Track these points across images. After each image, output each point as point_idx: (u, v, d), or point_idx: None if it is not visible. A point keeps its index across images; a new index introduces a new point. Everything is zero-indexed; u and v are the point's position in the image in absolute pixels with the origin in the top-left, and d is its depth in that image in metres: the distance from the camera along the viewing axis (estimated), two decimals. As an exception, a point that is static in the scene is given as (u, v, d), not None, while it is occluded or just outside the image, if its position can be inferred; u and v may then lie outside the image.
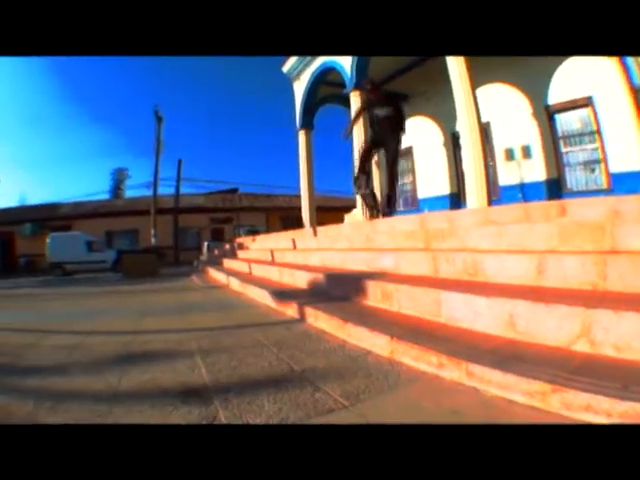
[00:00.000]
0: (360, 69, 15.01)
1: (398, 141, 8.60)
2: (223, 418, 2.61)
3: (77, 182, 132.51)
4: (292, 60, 19.85)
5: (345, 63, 15.63)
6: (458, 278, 4.93)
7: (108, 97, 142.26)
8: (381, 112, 8.29)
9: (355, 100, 15.03)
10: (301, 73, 19.51)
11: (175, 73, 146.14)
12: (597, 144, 12.63)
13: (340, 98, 17.80)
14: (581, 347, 2.82)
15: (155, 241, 33.75)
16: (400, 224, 9.55)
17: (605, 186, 12.33)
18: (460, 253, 5.17)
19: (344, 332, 4.43)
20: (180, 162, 41.53)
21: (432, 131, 18.36)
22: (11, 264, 40.49)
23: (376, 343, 3.82)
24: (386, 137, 8.46)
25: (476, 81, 11.25)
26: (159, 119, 36.39)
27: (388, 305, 4.90)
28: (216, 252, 23.00)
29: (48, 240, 29.24)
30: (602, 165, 12.51)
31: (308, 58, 18.64)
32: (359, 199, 15.07)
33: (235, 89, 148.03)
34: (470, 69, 11.07)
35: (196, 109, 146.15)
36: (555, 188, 13.55)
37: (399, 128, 8.50)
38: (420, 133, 19.08)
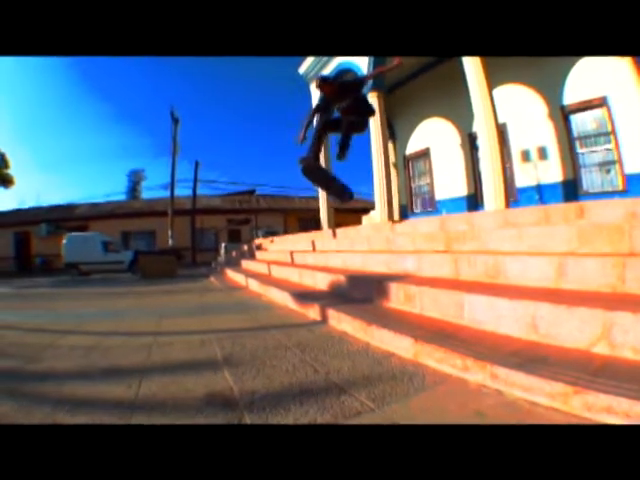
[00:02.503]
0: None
1: (360, 119, 8.17)
2: (249, 421, 2.61)
3: (93, 183, 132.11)
4: (308, 61, 19.83)
5: (362, 64, 15.60)
6: (479, 280, 4.96)
7: (124, 98, 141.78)
8: (341, 105, 7.98)
9: (373, 102, 14.83)
10: (317, 74, 19.39)
11: (192, 74, 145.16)
12: (612, 145, 12.53)
13: (357, 99, 17.70)
14: (601, 349, 2.86)
15: (172, 242, 33.76)
16: (420, 226, 9.56)
17: (620, 187, 12.24)
18: (481, 255, 5.21)
19: (367, 334, 4.46)
20: (197, 163, 41.58)
21: (448, 132, 18.23)
22: (27, 264, 40.77)
23: (400, 345, 3.86)
24: (343, 119, 8.10)
25: (492, 82, 11.23)
26: (175, 120, 36.39)
27: (410, 307, 4.92)
28: (234, 253, 22.95)
29: (64, 240, 29.09)
30: (617, 166, 12.41)
31: (324, 59, 18.60)
32: (377, 202, 14.97)
33: (252, 90, 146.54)
34: (486, 70, 11.05)
35: (213, 111, 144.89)
36: (571, 189, 13.46)
37: (361, 111, 8.11)
38: (437, 134, 18.99)
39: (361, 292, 6.20)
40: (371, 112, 8.03)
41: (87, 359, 4.43)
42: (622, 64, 11.61)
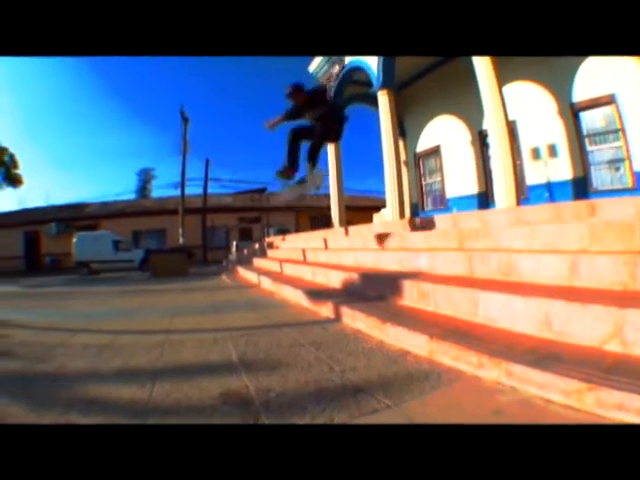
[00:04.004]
0: (387, 68, 14.97)
1: (333, 127, 8.00)
2: (265, 420, 2.63)
3: (103, 182, 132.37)
4: (318, 60, 19.78)
5: (371, 62, 15.58)
6: (493, 278, 4.98)
7: (137, 96, 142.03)
8: (313, 115, 7.75)
9: (383, 99, 15.01)
10: (327, 73, 19.48)
11: (202, 72, 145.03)
12: (621, 142, 12.50)
13: (368, 97, 17.63)
14: (613, 347, 2.89)
15: (183, 240, 33.82)
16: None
17: (630, 185, 12.22)
18: (495, 253, 5.23)
19: (382, 332, 4.48)
20: (207, 162, 41.62)
21: (459, 129, 18.22)
22: (37, 263, 41.16)
23: (415, 343, 3.88)
24: (316, 126, 7.84)
25: (501, 79, 11.24)
26: (185, 120, 36.45)
27: (424, 305, 4.95)
28: (245, 252, 22.85)
29: (74, 239, 29.32)
30: (626, 163, 12.40)
31: (334, 58, 18.57)
32: (389, 200, 14.92)
33: (262, 88, 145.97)
34: (496, 67, 11.05)
35: (225, 109, 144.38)
36: (581, 187, 13.43)
37: (333, 119, 7.91)
38: (447, 132, 18.99)
39: (374, 290, 6.24)
40: (343, 120, 7.88)
41: (99, 358, 4.45)
42: (630, 62, 11.56)
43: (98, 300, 11.31)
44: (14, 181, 43.33)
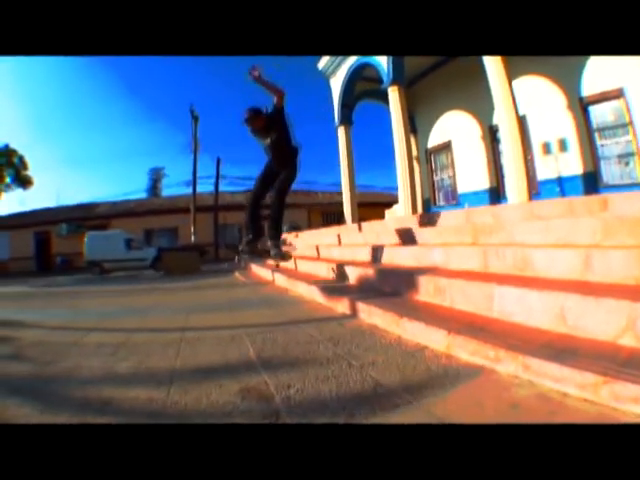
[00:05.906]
0: (396, 64, 15.00)
1: (292, 168, 7.55)
2: (286, 417, 2.64)
3: (113, 182, 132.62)
4: (327, 57, 19.84)
5: (381, 58, 15.60)
6: (508, 273, 5.00)
7: (145, 95, 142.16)
8: (267, 141, 7.33)
9: (393, 95, 15.03)
10: (337, 69, 19.57)
11: (213, 69, 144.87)
12: (630, 136, 12.52)
13: (378, 93, 17.67)
14: (627, 341, 2.91)
15: (195, 238, 33.85)
16: (446, 219, 9.59)
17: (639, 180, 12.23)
18: (509, 248, 5.24)
19: (399, 327, 4.52)
20: (219, 160, 41.60)
21: (469, 125, 18.25)
22: (47, 263, 41.62)
23: (432, 338, 3.92)
24: (277, 165, 7.48)
25: (511, 73, 11.27)
26: (195, 118, 36.52)
27: (440, 300, 4.98)
28: (258, 249, 22.83)
29: (86, 239, 29.40)
30: (636, 158, 12.40)
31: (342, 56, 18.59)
32: (401, 196, 14.94)
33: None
34: (506, 62, 11.08)
35: (235, 105, 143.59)
36: (591, 182, 13.42)
37: (288, 152, 7.48)
38: (458, 127, 19.01)
39: (390, 285, 6.26)
40: (295, 152, 7.53)
41: (114, 357, 4.48)
42: (638, 56, 11.53)
43: (111, 299, 11.41)
44: (24, 182, 43.71)
